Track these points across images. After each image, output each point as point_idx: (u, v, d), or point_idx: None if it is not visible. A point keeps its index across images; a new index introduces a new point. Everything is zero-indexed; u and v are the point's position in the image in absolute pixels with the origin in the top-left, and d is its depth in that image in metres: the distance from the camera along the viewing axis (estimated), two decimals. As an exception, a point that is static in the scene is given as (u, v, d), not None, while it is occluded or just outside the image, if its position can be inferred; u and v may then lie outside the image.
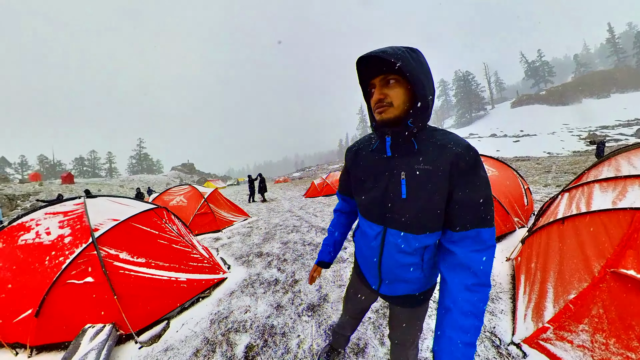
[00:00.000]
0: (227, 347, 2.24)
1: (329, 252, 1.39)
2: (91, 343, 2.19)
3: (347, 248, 4.23)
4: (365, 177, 1.04)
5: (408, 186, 0.89)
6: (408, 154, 0.91)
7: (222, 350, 2.20)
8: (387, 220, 0.97)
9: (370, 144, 1.07)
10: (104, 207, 3.38)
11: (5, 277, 2.63)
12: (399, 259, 0.98)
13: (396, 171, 0.92)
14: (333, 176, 13.42)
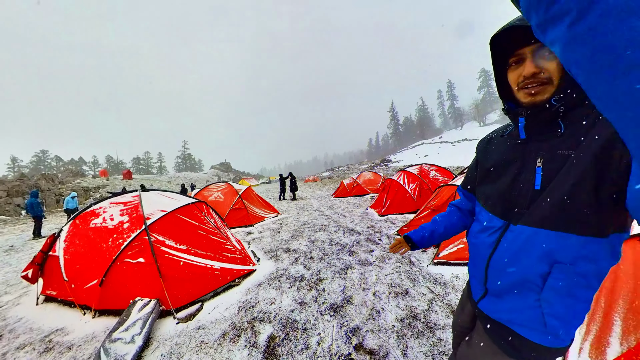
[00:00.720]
0: (252, 334, 2.35)
1: (422, 235, 1.20)
2: (139, 313, 2.53)
3: (374, 251, 4.11)
4: (493, 165, 0.90)
5: (544, 175, 0.73)
6: (549, 137, 0.75)
7: (246, 336, 2.32)
8: (510, 215, 0.80)
9: (505, 130, 0.93)
10: (154, 199, 3.86)
11: (79, 252, 3.23)
12: (514, 262, 0.77)
13: (530, 157, 0.77)
14: (363, 176, 13.09)
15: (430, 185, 6.71)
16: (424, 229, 1.21)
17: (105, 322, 2.80)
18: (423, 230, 1.21)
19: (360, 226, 5.87)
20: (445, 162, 26.65)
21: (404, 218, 6.16)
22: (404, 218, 6.16)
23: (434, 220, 1.22)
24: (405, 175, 7.20)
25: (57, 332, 2.78)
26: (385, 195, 7.27)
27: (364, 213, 7.47)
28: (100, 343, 2.28)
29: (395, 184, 7.05)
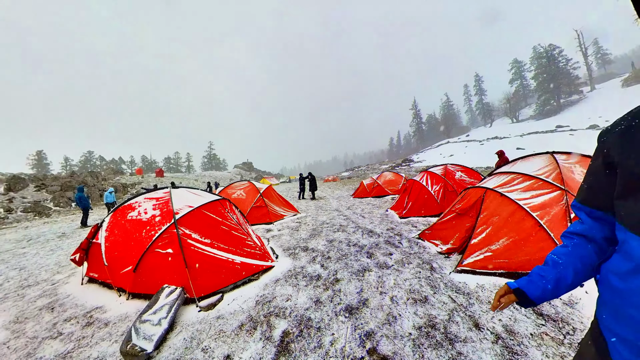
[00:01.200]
0: (267, 327, 2.42)
1: (544, 288, 0.81)
2: (166, 299, 2.73)
3: (393, 254, 3.99)
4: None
5: None
6: None
7: (262, 330, 2.40)
8: None
9: None
10: (183, 196, 4.14)
11: (118, 241, 3.58)
12: None
13: None
14: (384, 177, 12.71)
15: (455, 187, 6.33)
16: (544, 278, 0.82)
17: (137, 305, 3.09)
18: (542, 279, 0.82)
19: (379, 228, 5.73)
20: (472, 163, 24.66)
21: (426, 221, 5.89)
22: (426, 221, 5.89)
23: (553, 262, 0.84)
24: (429, 176, 6.87)
25: (97, 310, 3.14)
26: (406, 196, 7.01)
27: (383, 214, 7.28)
28: (132, 323, 2.51)
29: (417, 185, 6.76)
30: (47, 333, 2.77)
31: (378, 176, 12.94)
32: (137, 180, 27.37)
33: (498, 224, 3.22)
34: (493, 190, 3.58)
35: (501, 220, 3.22)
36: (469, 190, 4.16)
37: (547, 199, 3.10)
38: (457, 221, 4.01)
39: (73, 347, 2.49)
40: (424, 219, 6.15)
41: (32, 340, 2.66)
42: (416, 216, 6.37)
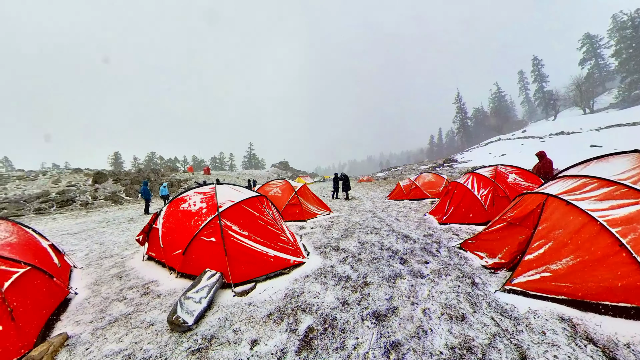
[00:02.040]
0: (293, 320, 2.50)
1: None
2: (207, 281, 3.03)
3: (430, 263, 3.72)
4: None
5: None
6: None
7: (288, 322, 2.49)
8: None
9: None
10: (226, 191, 4.54)
11: (172, 227, 4.10)
12: None
13: None
14: (423, 178, 11.81)
15: (507, 192, 5.57)
16: None
17: (183, 283, 3.53)
18: None
19: (415, 233, 5.40)
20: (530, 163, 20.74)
21: (470, 229, 5.33)
22: (470, 229, 5.33)
23: None
24: (475, 179, 6.17)
25: (152, 283, 3.70)
26: (448, 200, 6.41)
27: (421, 219, 6.82)
28: (178, 297, 2.86)
29: (461, 189, 6.14)
30: (115, 296, 3.40)
31: (416, 177, 12.13)
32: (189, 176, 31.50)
33: (561, 239, 2.72)
34: (557, 198, 3.03)
35: (566, 234, 2.71)
36: (525, 196, 3.62)
37: (634, 211, 2.49)
38: (509, 232, 3.54)
39: (133, 310, 3.00)
40: (468, 226, 5.57)
41: (105, 300, 3.31)
42: (458, 223, 5.80)
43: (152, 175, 26.41)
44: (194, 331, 2.46)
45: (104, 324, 2.73)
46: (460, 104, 77.18)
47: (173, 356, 2.16)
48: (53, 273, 3.24)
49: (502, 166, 6.30)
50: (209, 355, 2.13)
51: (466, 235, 4.92)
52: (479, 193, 5.83)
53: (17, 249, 3.19)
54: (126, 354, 2.24)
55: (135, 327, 2.64)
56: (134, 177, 23.94)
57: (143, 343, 2.37)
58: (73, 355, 2.28)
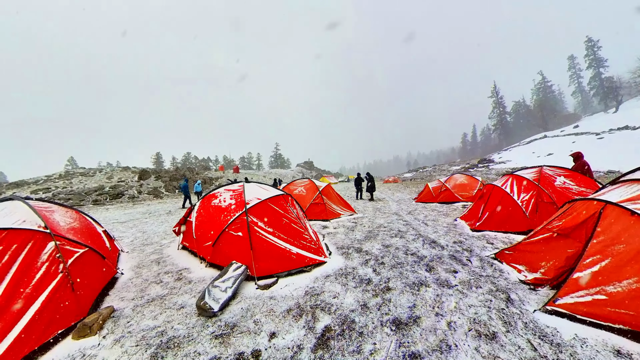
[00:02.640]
0: (311, 318, 2.53)
1: None
2: (233, 272, 3.21)
3: (459, 273, 3.47)
4: None
5: None
6: None
7: (306, 319, 2.52)
8: None
9: None
10: (253, 189, 4.75)
11: (204, 221, 4.42)
12: None
13: None
14: (454, 180, 10.95)
15: (554, 198, 4.92)
16: None
17: (212, 272, 3.80)
18: None
19: (444, 239, 5.08)
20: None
21: (507, 238, 4.85)
22: (507, 238, 4.85)
23: None
24: (515, 181, 5.57)
25: (185, 270, 4.05)
26: (482, 205, 5.89)
27: (451, 224, 6.39)
28: (207, 285, 3.08)
29: (498, 192, 5.59)
30: (153, 279, 3.80)
31: (447, 179, 11.34)
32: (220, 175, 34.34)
33: (623, 256, 2.34)
34: (617, 206, 2.60)
35: (629, 251, 2.32)
36: (577, 202, 3.19)
37: None
38: (555, 244, 3.15)
39: (167, 292, 3.33)
40: (505, 235, 5.08)
41: (145, 282, 3.72)
42: (494, 230, 5.32)
43: (188, 174, 28.95)
44: (218, 317, 2.63)
45: (143, 302, 3.07)
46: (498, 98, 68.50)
47: (199, 338, 2.34)
48: (105, 255, 3.71)
49: (548, 167, 5.57)
50: (231, 341, 2.26)
51: (502, 245, 4.50)
52: (519, 198, 5.26)
53: (78, 232, 3.71)
54: (159, 330, 2.49)
55: (168, 307, 2.91)
56: (172, 175, 26.62)
57: (174, 323, 2.60)
58: (117, 326, 2.61)
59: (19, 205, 3.22)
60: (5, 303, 2.24)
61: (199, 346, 2.22)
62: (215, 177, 31.77)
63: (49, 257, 2.72)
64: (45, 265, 2.64)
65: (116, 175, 25.16)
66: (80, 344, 2.34)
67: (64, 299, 2.59)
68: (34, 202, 3.60)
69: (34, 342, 2.22)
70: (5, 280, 2.33)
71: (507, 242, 4.69)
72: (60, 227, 3.37)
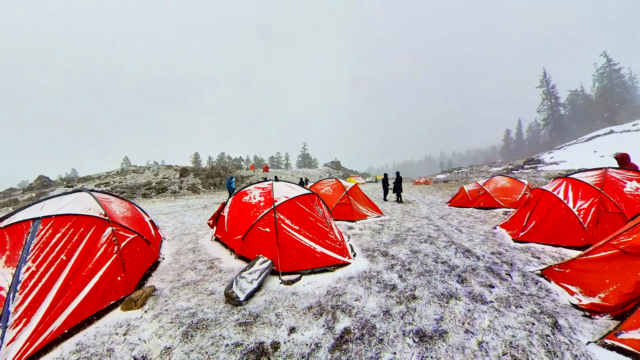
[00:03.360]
0: (331, 318, 2.54)
1: None
2: (259, 266, 3.38)
3: (496, 288, 3.15)
4: None
5: None
6: None
7: (326, 319, 2.53)
8: None
9: None
10: (282, 188, 4.93)
11: (235, 216, 4.70)
12: None
13: None
14: (495, 182, 9.89)
15: (622, 207, 4.13)
16: None
17: (240, 264, 4.05)
18: None
19: (480, 249, 4.67)
20: None
21: (558, 253, 4.25)
22: (558, 253, 4.25)
23: None
24: (570, 186, 4.82)
25: (216, 260, 4.39)
26: (528, 212, 5.22)
27: (489, 232, 5.84)
28: (235, 275, 3.28)
29: (548, 198, 4.89)
30: (189, 265, 4.20)
31: (486, 181, 10.30)
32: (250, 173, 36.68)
33: None
34: None
35: None
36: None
37: None
38: (621, 264, 2.68)
39: (200, 278, 3.66)
40: (555, 248, 4.45)
41: (182, 267, 4.13)
42: (541, 243, 4.70)
43: (222, 172, 31.14)
44: (243, 306, 2.80)
45: (179, 285, 3.41)
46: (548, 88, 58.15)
47: (224, 323, 2.52)
48: (150, 241, 4.20)
49: (615, 170, 4.70)
50: (253, 330, 2.39)
51: (551, 260, 3.98)
52: (576, 205, 4.55)
53: (130, 221, 4.23)
54: (191, 312, 2.75)
55: (200, 292, 3.20)
56: (208, 173, 29.09)
57: (204, 307, 2.85)
58: (157, 303, 2.96)
59: (86, 196, 3.82)
60: (74, 274, 2.68)
61: (224, 331, 2.39)
62: (247, 175, 33.80)
63: (107, 239, 3.19)
64: (104, 246, 3.11)
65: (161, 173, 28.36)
66: (126, 315, 2.72)
67: (117, 276, 3.03)
68: (97, 194, 4.21)
69: (92, 308, 2.65)
70: (74, 256, 2.80)
71: (557, 257, 4.13)
72: (116, 215, 3.89)
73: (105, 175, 27.65)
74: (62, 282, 2.56)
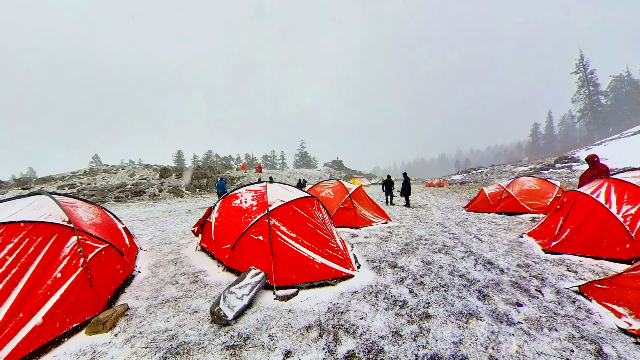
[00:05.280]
0: (333, 340, 2.50)
1: None
2: (251, 279, 3.36)
3: (524, 306, 3.11)
4: None
5: None
6: None
7: (327, 340, 2.50)
8: None
9: None
10: (276, 190, 4.94)
11: (223, 222, 4.69)
12: None
13: None
14: (521, 184, 9.80)
15: None
16: None
17: (229, 277, 4.03)
18: None
19: (504, 260, 4.63)
20: None
21: (600, 267, 4.19)
22: (600, 267, 4.19)
23: None
24: (613, 188, 4.74)
25: (201, 273, 4.36)
26: (561, 218, 5.16)
27: (515, 241, 5.80)
28: (222, 290, 3.24)
29: (586, 202, 4.84)
30: (169, 279, 4.17)
31: (509, 183, 10.24)
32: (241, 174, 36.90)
33: None
34: None
35: None
36: None
37: None
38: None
39: (182, 294, 3.62)
40: (595, 261, 4.41)
41: (161, 282, 4.09)
42: (578, 254, 4.65)
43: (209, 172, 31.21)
44: (232, 327, 2.76)
45: (157, 303, 3.36)
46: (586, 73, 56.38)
47: (209, 346, 2.47)
48: (124, 252, 4.15)
49: None
50: (242, 354, 2.34)
51: (591, 275, 3.93)
52: (620, 211, 4.48)
53: (100, 228, 4.20)
54: (170, 334, 2.70)
55: (181, 311, 3.15)
56: (194, 174, 29.05)
57: (186, 327, 2.80)
58: (129, 325, 2.89)
59: (46, 200, 3.76)
60: (27, 293, 2.60)
61: (209, 356, 2.34)
62: (237, 176, 33.78)
63: (71, 250, 3.13)
64: (66, 258, 3.04)
65: (138, 173, 28.28)
66: (92, 339, 2.64)
67: (82, 293, 2.95)
68: (60, 197, 4.15)
69: (49, 333, 2.54)
70: (29, 271, 2.71)
71: (598, 271, 4.08)
72: (82, 222, 3.86)
73: (71, 175, 27.43)
74: (13, 303, 2.45)
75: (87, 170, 29.99)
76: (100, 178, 26.21)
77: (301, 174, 49.87)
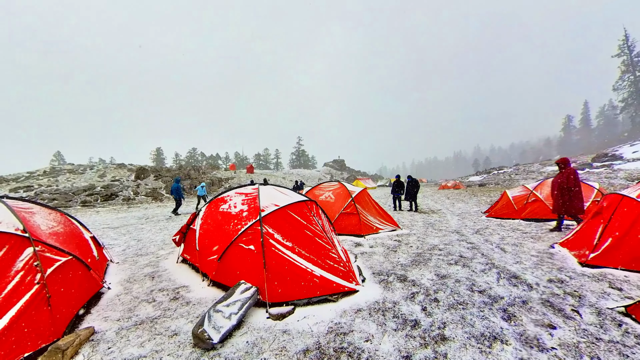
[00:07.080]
0: (336, 366, 2.46)
1: None
2: (240, 295, 3.32)
3: (558, 329, 3.09)
4: None
5: None
6: None
7: (329, 366, 2.45)
8: None
9: None
10: (270, 193, 4.92)
11: (209, 230, 4.67)
12: None
13: None
14: (550, 186, 10.01)
15: None
16: None
17: (215, 293, 4.01)
18: None
19: (532, 274, 4.63)
20: None
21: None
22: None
23: None
24: None
25: (183, 288, 4.33)
26: (601, 226, 5.15)
27: (544, 252, 5.81)
28: (207, 309, 3.20)
29: (632, 207, 4.77)
30: (145, 297, 4.11)
31: (537, 185, 10.28)
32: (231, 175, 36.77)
33: None
34: None
35: None
36: None
37: None
38: None
39: (160, 314, 3.56)
40: (643, 276, 4.39)
41: (134, 299, 4.04)
42: (622, 268, 4.64)
43: (193, 173, 31.11)
44: (217, 351, 2.71)
45: (130, 325, 3.30)
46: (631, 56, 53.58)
47: (191, 377, 2.41)
48: (91, 265, 4.09)
49: None
50: (230, 384, 2.29)
51: (638, 292, 3.92)
52: None
53: (62, 238, 4.15)
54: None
55: (159, 333, 3.09)
56: (176, 174, 29.07)
57: (163, 353, 2.74)
58: (95, 352, 2.82)
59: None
60: None
61: (191, 386, 2.29)
62: (225, 177, 33.63)
63: (25, 264, 3.03)
64: (19, 274, 2.93)
65: (109, 173, 28.09)
66: None
67: (37, 315, 2.81)
68: (13, 202, 4.08)
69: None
70: (-28, 290, 2.57)
71: (645, 287, 4.06)
72: (41, 231, 3.79)
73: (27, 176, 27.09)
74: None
75: (47, 170, 29.57)
76: (63, 179, 25.97)
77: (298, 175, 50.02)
